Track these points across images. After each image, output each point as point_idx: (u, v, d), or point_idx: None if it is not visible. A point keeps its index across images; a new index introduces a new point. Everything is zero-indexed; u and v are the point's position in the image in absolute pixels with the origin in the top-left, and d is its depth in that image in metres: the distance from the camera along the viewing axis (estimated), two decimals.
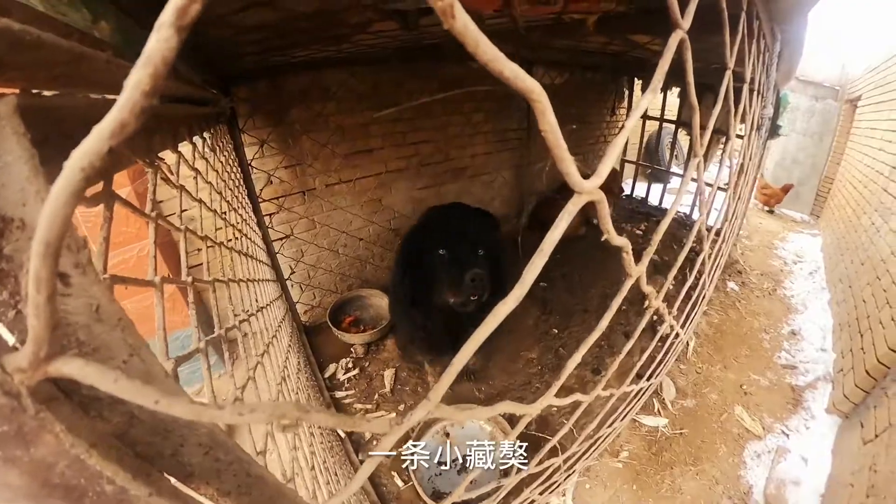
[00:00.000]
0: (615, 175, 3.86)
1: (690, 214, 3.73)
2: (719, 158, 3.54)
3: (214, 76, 1.60)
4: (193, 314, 0.63)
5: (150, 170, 0.61)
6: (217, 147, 1.34)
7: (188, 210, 0.85)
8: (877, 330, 2.21)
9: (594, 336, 0.41)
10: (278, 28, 1.19)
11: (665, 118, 3.67)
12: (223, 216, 1.09)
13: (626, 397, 1.18)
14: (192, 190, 0.86)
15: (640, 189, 4.17)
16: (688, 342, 2.53)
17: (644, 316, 0.60)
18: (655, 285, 0.54)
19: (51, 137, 0.29)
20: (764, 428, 2.15)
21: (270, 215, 2.35)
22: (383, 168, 2.71)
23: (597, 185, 0.25)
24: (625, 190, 4.09)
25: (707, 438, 2.07)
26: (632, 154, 4.31)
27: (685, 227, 3.45)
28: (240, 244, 1.25)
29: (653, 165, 4.10)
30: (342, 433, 1.94)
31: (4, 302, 0.20)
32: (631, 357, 1.89)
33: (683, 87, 0.47)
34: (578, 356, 0.41)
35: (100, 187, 0.44)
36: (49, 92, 0.31)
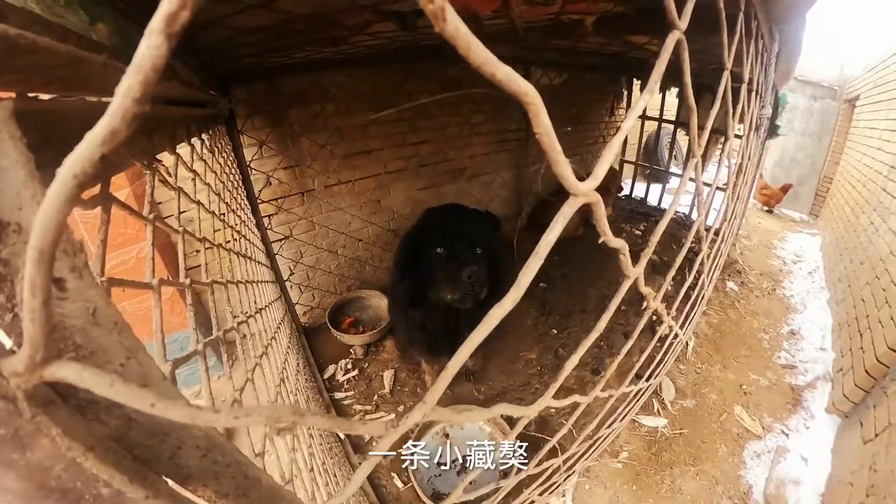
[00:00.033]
0: (614, 174, 3.86)
1: (690, 214, 3.73)
2: (718, 158, 3.55)
3: (213, 77, 1.60)
4: (192, 316, 0.63)
5: (148, 172, 0.61)
6: (216, 148, 1.34)
7: (187, 212, 0.85)
8: (876, 329, 2.21)
9: (592, 337, 0.41)
10: (275, 30, 1.19)
11: (664, 118, 3.67)
12: (222, 218, 1.09)
13: (626, 398, 1.18)
14: (191, 191, 0.86)
15: (640, 189, 4.17)
16: (687, 342, 2.53)
17: (643, 317, 0.60)
18: (654, 286, 0.54)
19: (48, 140, 0.29)
20: (764, 428, 2.15)
21: (269, 216, 2.35)
22: (382, 169, 2.71)
23: (593, 188, 0.25)
24: (624, 189, 4.09)
25: (707, 438, 2.07)
26: (631, 154, 4.31)
27: (684, 227, 3.46)
28: (238, 245, 1.25)
29: (652, 165, 4.10)
30: (341, 434, 1.94)
31: (1, 305, 0.20)
32: (630, 357, 1.89)
33: (682, 88, 0.47)
34: (576, 357, 0.41)
35: (97, 190, 0.44)
36: (46, 95, 0.31)
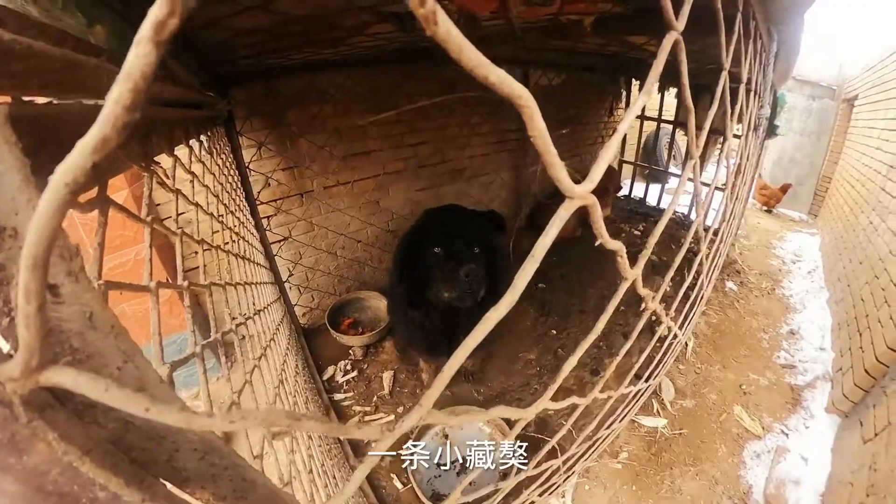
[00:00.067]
0: (612, 173, 3.83)
1: (689, 214, 3.73)
2: (717, 158, 3.55)
3: (211, 78, 1.60)
4: (190, 318, 0.63)
5: (146, 174, 0.60)
6: (214, 150, 1.34)
7: (185, 213, 0.85)
8: (875, 329, 2.21)
9: (590, 339, 0.41)
10: (273, 31, 1.19)
11: (662, 118, 3.67)
12: (220, 219, 1.09)
13: (625, 398, 1.18)
14: (190, 193, 0.86)
15: (639, 189, 4.17)
16: (686, 342, 2.53)
17: (641, 318, 0.60)
18: (653, 286, 0.54)
19: (44, 145, 0.28)
20: (763, 428, 2.15)
21: (268, 217, 2.35)
22: (381, 170, 2.71)
23: (588, 190, 0.24)
24: (622, 188, 4.08)
25: (706, 439, 2.07)
26: (630, 154, 4.31)
27: (683, 228, 3.46)
28: (237, 247, 1.25)
29: (651, 166, 4.10)
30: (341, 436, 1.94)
31: None
32: (630, 358, 1.89)
33: (680, 88, 0.47)
34: (574, 359, 0.41)
35: (94, 193, 0.44)
36: (42, 99, 0.31)
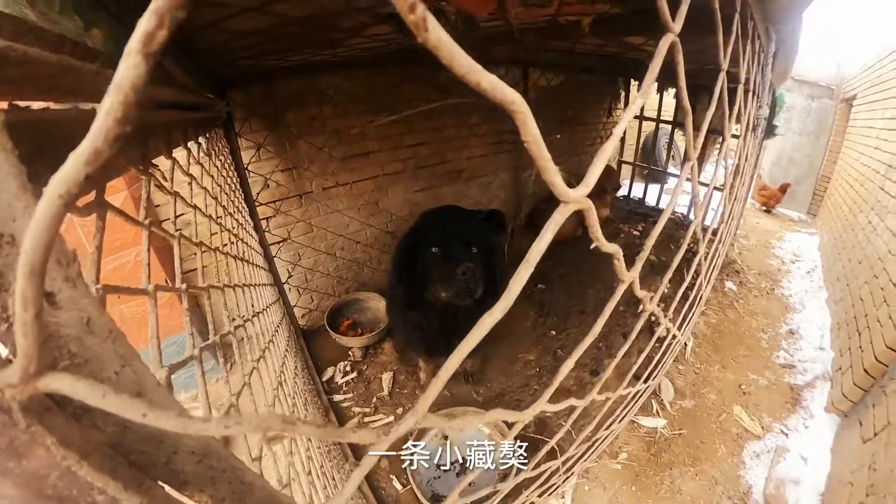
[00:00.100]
0: (610, 173, 3.82)
1: (688, 215, 3.73)
2: (716, 159, 3.55)
3: (210, 80, 1.60)
4: (188, 321, 0.63)
5: (144, 178, 0.61)
6: (213, 151, 1.34)
7: (184, 214, 0.85)
8: (874, 328, 2.21)
9: (587, 342, 0.41)
10: (271, 33, 1.19)
11: (661, 118, 3.68)
12: (219, 221, 1.09)
13: (624, 399, 1.18)
14: (188, 194, 0.87)
15: (638, 189, 4.17)
16: (686, 343, 2.53)
17: (640, 319, 0.60)
18: (652, 287, 0.54)
19: (41, 151, 0.29)
20: (763, 427, 2.15)
21: (267, 219, 2.35)
22: (380, 171, 2.72)
23: (583, 195, 0.25)
24: (621, 186, 4.08)
25: (706, 439, 2.07)
26: (629, 154, 4.31)
27: (683, 228, 3.46)
28: (236, 249, 1.25)
29: (649, 166, 4.10)
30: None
31: None
32: (629, 358, 1.89)
33: (678, 90, 0.47)
34: (571, 361, 0.41)
35: (92, 197, 0.44)
36: (38, 104, 0.31)
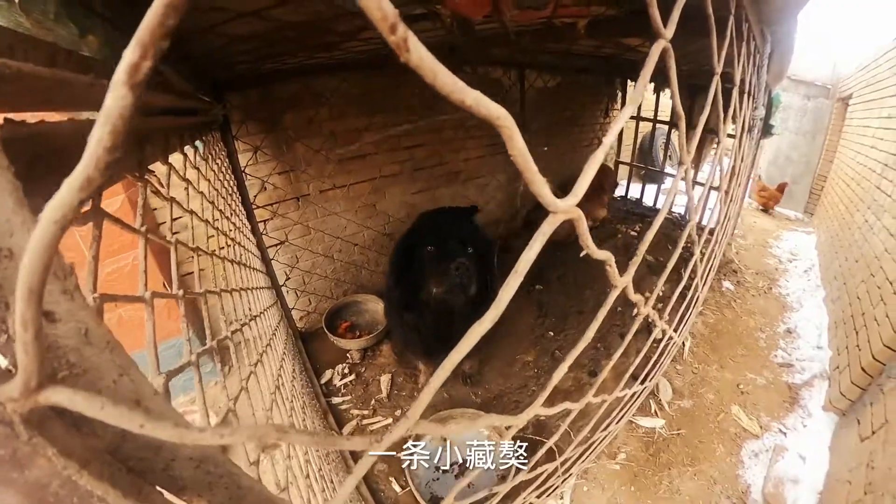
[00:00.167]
0: (607, 172, 3.82)
1: (685, 215, 3.74)
2: (713, 159, 3.56)
3: (207, 83, 1.60)
4: (185, 327, 0.63)
5: (140, 184, 0.61)
6: (210, 155, 1.34)
7: (181, 217, 0.85)
8: (871, 327, 2.21)
9: (580, 347, 0.41)
10: (267, 37, 1.19)
11: (658, 119, 3.68)
12: (215, 226, 1.09)
13: (622, 400, 1.18)
14: (186, 198, 0.87)
15: (635, 190, 4.18)
16: (683, 343, 2.54)
17: (635, 322, 0.60)
18: (649, 287, 0.55)
19: (37, 165, 0.29)
20: (761, 427, 2.15)
21: (265, 222, 2.35)
22: (377, 173, 2.72)
23: (572, 204, 0.25)
24: (618, 185, 4.08)
25: (704, 438, 2.07)
26: (626, 155, 4.31)
27: (680, 228, 3.46)
28: (233, 252, 1.25)
29: (647, 166, 4.11)
30: None
31: None
32: (627, 358, 1.89)
33: (671, 95, 0.47)
34: (565, 366, 0.41)
35: (88, 205, 0.44)
36: (33, 118, 0.31)
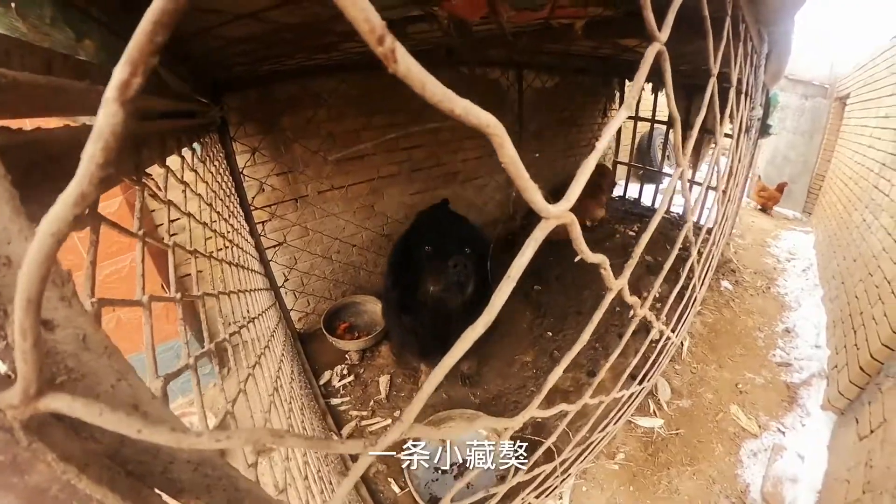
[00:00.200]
0: (605, 172, 3.83)
1: (684, 214, 3.74)
2: (710, 159, 3.56)
3: (205, 85, 1.60)
4: (183, 330, 0.63)
5: (138, 188, 0.61)
6: (207, 157, 1.34)
7: (179, 219, 0.85)
8: (870, 326, 2.22)
9: (576, 349, 0.41)
10: (265, 39, 1.19)
11: (656, 119, 3.69)
12: (213, 228, 1.09)
13: (620, 401, 1.18)
14: (184, 200, 0.87)
15: (633, 190, 4.18)
16: (682, 342, 2.54)
17: (632, 323, 0.61)
18: (647, 287, 0.55)
19: (33, 173, 0.29)
20: (760, 426, 2.16)
21: (263, 223, 2.35)
22: (375, 174, 2.72)
23: (565, 209, 0.25)
24: (617, 184, 4.08)
25: (703, 438, 2.08)
26: (624, 155, 4.32)
27: (678, 227, 3.47)
28: (231, 254, 1.25)
29: (645, 166, 4.11)
30: None
31: None
32: (626, 358, 1.90)
33: (667, 97, 0.47)
34: (560, 369, 0.41)
35: (86, 210, 0.44)
36: (29, 124, 0.31)
